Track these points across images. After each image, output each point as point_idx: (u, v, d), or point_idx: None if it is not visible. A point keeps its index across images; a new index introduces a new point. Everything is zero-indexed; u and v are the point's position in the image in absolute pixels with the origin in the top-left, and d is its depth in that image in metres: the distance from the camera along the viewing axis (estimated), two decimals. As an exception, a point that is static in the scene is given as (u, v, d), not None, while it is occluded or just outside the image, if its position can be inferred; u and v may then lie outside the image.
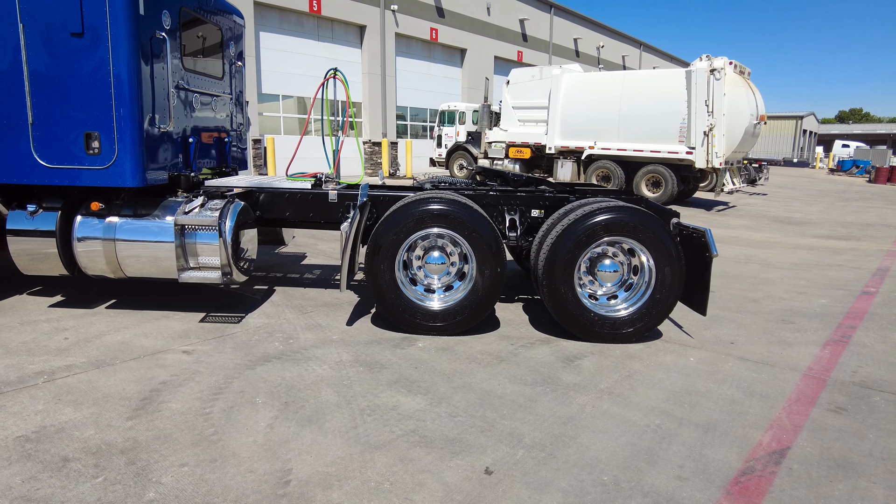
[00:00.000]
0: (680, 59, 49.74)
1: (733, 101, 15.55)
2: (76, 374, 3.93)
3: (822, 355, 4.92)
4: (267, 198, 5.60)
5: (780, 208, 17.79)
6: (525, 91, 19.89)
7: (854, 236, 12.27)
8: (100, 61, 4.46)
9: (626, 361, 4.58)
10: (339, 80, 5.79)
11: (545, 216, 5.48)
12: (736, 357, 4.78)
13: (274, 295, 6.03)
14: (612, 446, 3.29)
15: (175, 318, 5.18)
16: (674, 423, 3.57)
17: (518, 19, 30.29)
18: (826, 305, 6.53)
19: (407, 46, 24.73)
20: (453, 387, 3.95)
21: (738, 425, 3.59)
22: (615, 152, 17.80)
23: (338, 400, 3.69)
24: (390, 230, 4.73)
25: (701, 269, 4.92)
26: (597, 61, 36.73)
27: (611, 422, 3.57)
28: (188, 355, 4.33)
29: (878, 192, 26.58)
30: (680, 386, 4.15)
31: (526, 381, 4.11)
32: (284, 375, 4.03)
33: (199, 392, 3.73)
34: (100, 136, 4.57)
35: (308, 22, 20.86)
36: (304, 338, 4.80)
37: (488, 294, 4.82)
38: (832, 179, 34.84)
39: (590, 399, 3.87)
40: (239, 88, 6.67)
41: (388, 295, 4.81)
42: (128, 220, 4.84)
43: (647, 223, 4.80)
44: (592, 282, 5.08)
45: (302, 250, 8.49)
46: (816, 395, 4.08)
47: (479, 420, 3.52)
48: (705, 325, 5.53)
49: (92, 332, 4.76)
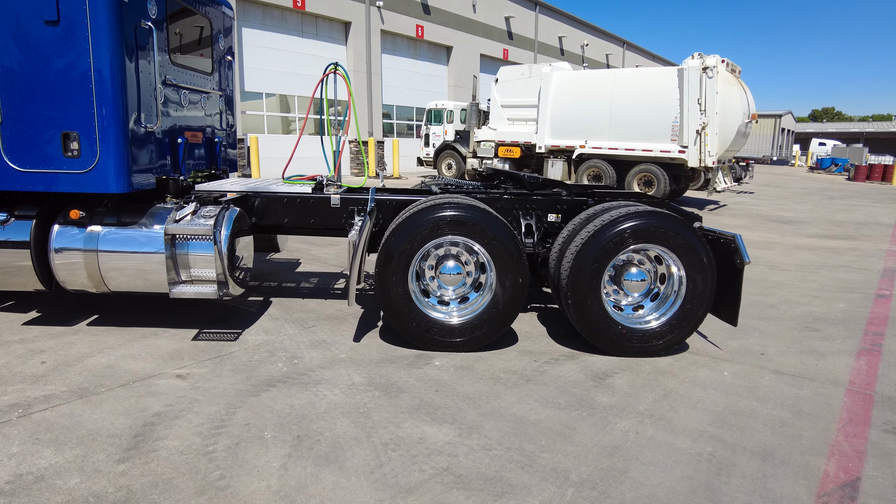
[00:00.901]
0: (661, 58, 50.01)
1: (726, 99, 15.43)
2: (56, 407, 3.47)
3: (859, 367, 4.66)
4: (264, 203, 5.17)
5: (770, 207, 17.76)
6: (514, 89, 19.58)
7: (850, 235, 12.19)
8: (78, 52, 3.98)
9: (658, 378, 4.26)
10: (340, 75, 5.36)
11: (562, 221, 5.15)
12: (771, 370, 4.49)
13: (271, 307, 5.60)
14: (667, 481, 2.95)
15: (165, 335, 4.72)
16: (727, 451, 3.26)
17: (504, 17, 29.99)
18: (845, 310, 6.31)
19: (393, 44, 24.24)
20: (481, 413, 3.58)
21: (795, 451, 3.29)
22: (606, 151, 17.58)
23: (356, 432, 3.30)
24: (403, 239, 4.34)
25: (731, 277, 4.63)
26: (581, 59, 36.63)
27: (659, 451, 3.24)
28: (183, 380, 3.89)
29: (859, 189, 26.89)
30: (722, 405, 3.84)
31: (559, 404, 3.77)
32: (293, 403, 3.62)
33: (199, 425, 3.30)
34: (79, 137, 4.10)
35: (292, 18, 20.26)
36: (309, 357, 4.38)
37: (510, 306, 4.47)
38: (813, 177, 35.25)
39: (631, 424, 3.54)
40: (229, 85, 6.21)
41: (400, 309, 4.42)
42: (112, 230, 4.37)
43: (679, 229, 4.49)
44: (617, 291, 4.76)
45: (295, 256, 8.04)
46: (868, 414, 3.81)
47: (516, 453, 3.16)
48: (730, 335, 5.25)
49: (73, 353, 4.29)
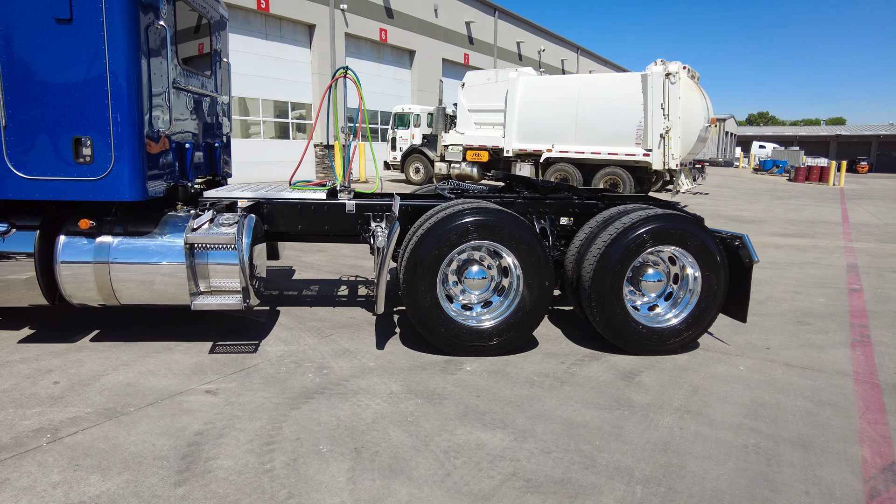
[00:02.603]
0: (612, 63, 51.54)
1: (687, 104, 16.05)
2: (87, 430, 3.26)
3: (857, 358, 4.93)
4: (277, 210, 5.02)
5: (727, 207, 18.54)
6: (480, 94, 19.75)
7: (806, 234, 12.87)
8: (93, 52, 3.77)
9: (682, 375, 4.39)
10: (350, 79, 5.28)
11: (574, 224, 5.23)
12: (781, 364, 4.70)
13: (281, 317, 5.44)
14: (725, 473, 3.05)
15: (179, 349, 4.51)
16: (769, 442, 3.39)
17: (464, 21, 30.23)
18: (827, 304, 6.67)
19: (357, 47, 24.02)
20: (529, 417, 3.60)
21: (830, 440, 3.45)
22: (573, 155, 17.96)
23: (412, 441, 3.25)
24: (431, 244, 4.31)
25: (740, 276, 4.82)
26: (538, 65, 37.31)
27: (708, 445, 3.34)
28: (214, 396, 3.73)
29: (801, 190, 28.47)
30: (749, 399, 4.00)
31: (599, 404, 3.82)
32: (338, 414, 3.53)
33: (248, 442, 3.18)
34: (92, 142, 3.88)
35: (256, 20, 19.79)
36: (338, 367, 4.29)
37: (536, 310, 4.50)
38: (758, 178, 37.08)
39: (673, 420, 3.63)
40: (226, 88, 6.00)
41: (429, 316, 4.38)
42: (124, 240, 4.15)
43: (695, 230, 4.65)
44: (633, 292, 4.87)
45: (287, 263, 7.84)
46: (881, 402, 4.04)
47: (575, 454, 3.19)
48: (734, 331, 5.46)
49: (85, 372, 4.04)
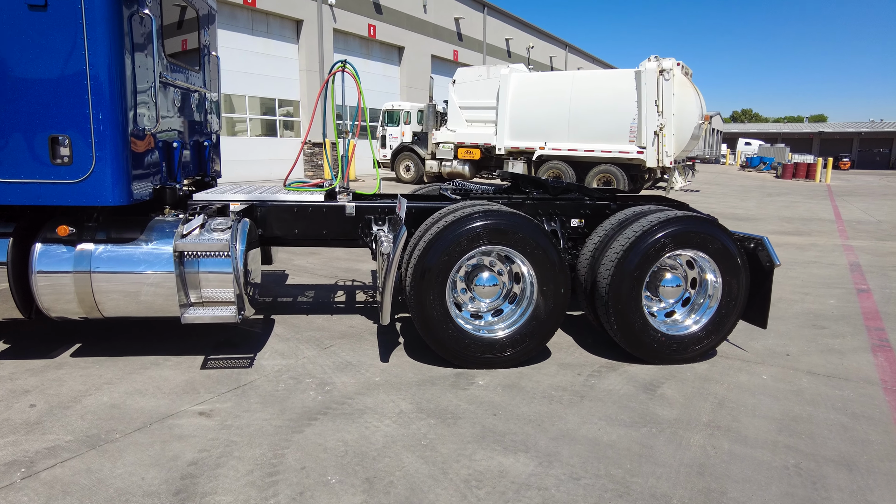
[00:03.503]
0: (600, 60, 51.53)
1: (682, 101, 15.92)
2: (67, 462, 2.94)
3: (881, 364, 4.75)
4: (273, 213, 4.70)
5: (719, 204, 18.46)
6: (472, 91, 19.49)
7: (802, 231, 12.78)
8: (71, 43, 3.42)
9: (705, 385, 4.16)
10: (349, 73, 4.96)
11: (585, 227, 4.98)
12: (804, 372, 4.49)
13: (276, 326, 5.12)
14: (770, 500, 2.82)
15: (167, 364, 4.18)
16: (810, 462, 3.17)
17: (453, 18, 29.91)
18: (838, 306, 6.50)
19: (345, 43, 23.59)
20: (552, 438, 3.33)
21: (874, 458, 3.24)
22: (566, 153, 17.78)
23: (429, 469, 2.97)
24: (440, 250, 4.03)
25: (760, 280, 4.61)
26: (527, 62, 37.10)
27: (745, 466, 3.10)
28: (208, 418, 3.42)
29: (789, 186, 28.62)
30: (779, 412, 3.77)
31: (623, 421, 3.57)
32: (345, 438, 3.24)
33: (248, 473, 2.88)
34: (71, 141, 3.53)
35: (242, 15, 19.29)
36: (341, 382, 3.99)
37: (552, 318, 4.24)
38: (746, 175, 37.27)
39: (704, 438, 3.39)
40: (215, 83, 5.66)
41: (438, 326, 4.10)
42: (107, 248, 3.81)
43: (716, 233, 4.42)
44: (650, 298, 4.64)
45: (279, 267, 7.50)
46: (916, 413, 3.84)
47: (606, 480, 2.93)
48: (749, 337, 5.25)
49: (65, 393, 3.70)
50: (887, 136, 63.32)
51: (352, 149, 5.12)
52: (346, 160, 5.09)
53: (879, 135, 63.70)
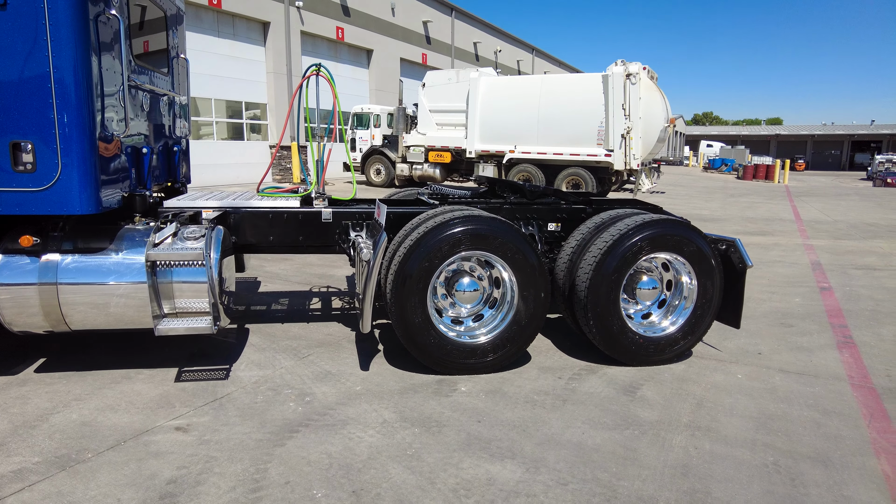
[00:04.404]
0: (565, 63, 52.25)
1: (648, 104, 16.25)
2: (35, 485, 2.79)
3: (847, 360, 4.91)
4: (247, 220, 4.59)
5: (685, 206, 18.90)
6: (442, 94, 19.51)
7: (765, 231, 13.19)
8: (32, 44, 3.27)
9: (683, 386, 4.24)
10: (324, 77, 4.89)
11: (562, 230, 5.02)
12: (777, 370, 4.62)
13: (251, 336, 5.00)
14: (752, 498, 2.87)
15: (139, 378, 4.03)
16: (788, 459, 3.25)
17: (422, 21, 29.89)
18: (804, 304, 6.71)
19: (313, 45, 23.31)
20: (537, 443, 3.33)
21: (847, 453, 3.34)
22: (535, 156, 17.94)
23: (416, 479, 2.93)
24: (421, 256, 3.99)
25: (733, 281, 4.72)
26: (495, 65, 37.37)
27: (726, 465, 3.16)
28: (186, 433, 3.31)
29: (750, 187, 29.52)
30: (755, 410, 3.86)
31: (606, 424, 3.60)
32: (329, 450, 3.17)
33: (231, 490, 2.79)
34: (34, 147, 3.37)
35: (207, 16, 18.85)
36: (321, 393, 3.91)
37: (533, 322, 4.25)
38: (708, 177, 38.29)
39: (685, 439, 3.45)
40: (184, 86, 5.50)
41: (420, 332, 4.06)
42: (75, 258, 3.65)
43: (691, 236, 4.51)
44: (627, 300, 4.69)
45: (251, 274, 7.34)
46: (883, 408, 3.98)
47: (594, 484, 2.94)
48: (722, 336, 5.37)
49: (30, 411, 3.53)
50: (838, 138, 66.03)
51: (328, 154, 5.04)
52: (321, 165, 5.01)
53: (831, 137, 66.36)
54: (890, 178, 32.88)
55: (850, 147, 65.42)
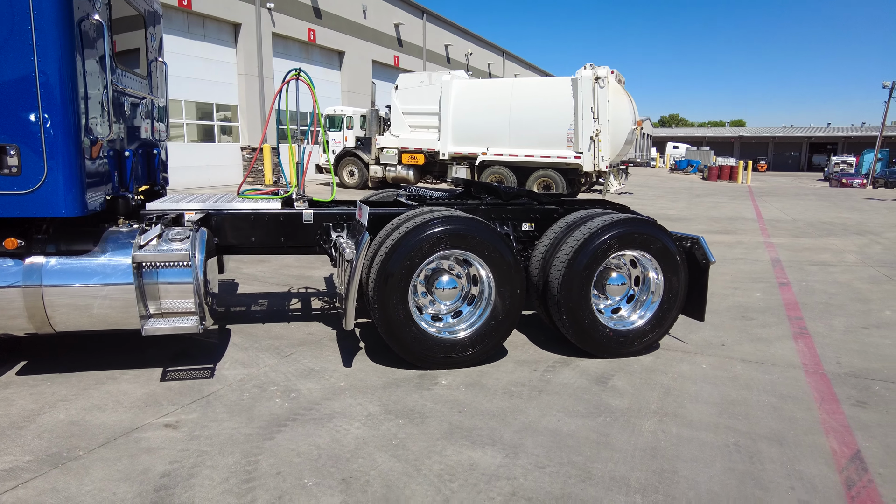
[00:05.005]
0: (536, 66, 52.95)
1: (616, 107, 16.69)
2: (29, 482, 2.85)
3: (801, 349, 5.24)
4: (228, 221, 4.67)
5: (652, 206, 19.42)
6: (414, 96, 19.65)
7: (729, 230, 13.69)
8: (18, 47, 3.30)
9: (651, 376, 4.48)
10: (303, 82, 5.00)
11: (535, 230, 5.23)
12: (738, 359, 4.90)
13: (233, 336, 5.06)
14: (715, 475, 3.11)
15: (124, 378, 4.08)
16: (747, 440, 3.50)
17: (393, 23, 29.99)
18: (763, 299, 7.07)
19: (284, 47, 23.19)
20: (515, 431, 3.52)
21: (799, 433, 3.61)
22: (507, 158, 18.23)
23: (403, 467, 3.08)
24: (402, 256, 4.14)
25: (696, 277, 4.99)
26: (466, 68, 37.68)
27: (692, 447, 3.40)
28: (175, 430, 3.39)
29: (715, 188, 30.44)
30: (718, 397, 4.12)
31: (580, 412, 3.81)
32: (317, 442, 3.30)
33: (224, 481, 2.89)
34: (19, 151, 3.41)
35: (177, 17, 18.60)
36: (306, 389, 4.03)
37: (509, 318, 4.44)
38: (675, 177, 39.29)
39: (654, 424, 3.67)
40: (162, 89, 5.54)
41: (402, 329, 4.21)
42: (61, 260, 3.68)
43: (657, 234, 4.76)
44: (598, 296, 4.92)
45: (228, 276, 7.36)
46: (833, 392, 4.28)
47: (570, 467, 3.14)
48: (688, 330, 5.65)
49: (16, 412, 3.55)
50: (797, 140, 68.46)
51: (308, 156, 5.14)
52: (301, 167, 5.11)
53: (791, 139, 68.77)
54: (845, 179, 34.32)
55: (809, 149, 67.91)
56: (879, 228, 14.45)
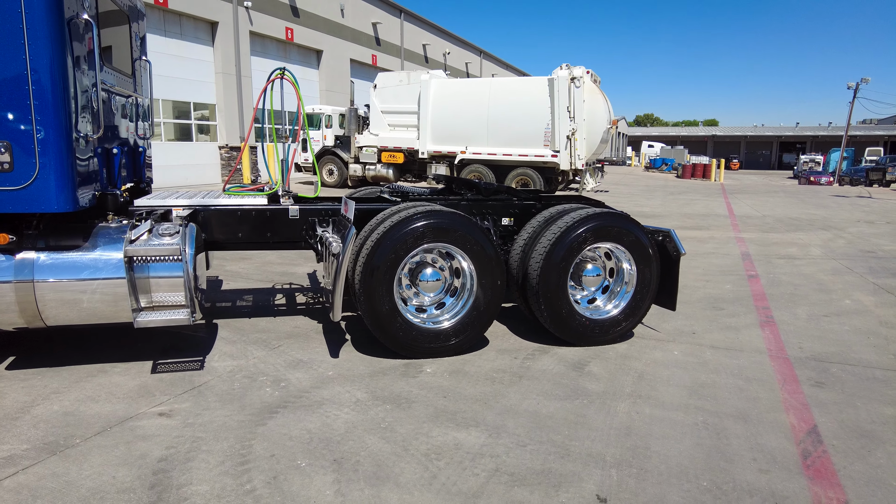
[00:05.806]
0: (512, 66, 53.37)
1: (592, 107, 17.02)
2: (29, 468, 2.93)
3: (767, 336, 5.53)
4: (216, 218, 4.76)
5: (627, 203, 19.82)
6: (393, 95, 19.76)
7: (701, 226, 14.11)
8: (11, 47, 3.37)
9: (626, 362, 4.70)
10: (288, 80, 5.11)
11: (514, 224, 5.42)
12: (708, 346, 5.16)
13: (221, 330, 5.16)
14: (684, 450, 3.32)
15: (116, 371, 4.16)
16: (714, 418, 3.73)
17: (371, 23, 30.03)
18: (733, 290, 7.39)
19: (262, 46, 23.09)
20: (497, 413, 3.70)
21: (762, 411, 3.86)
22: (486, 157, 18.45)
23: (392, 448, 3.24)
24: (388, 249, 4.29)
25: (668, 268, 5.23)
26: (444, 67, 37.86)
27: (664, 426, 3.62)
28: (169, 418, 3.49)
29: (689, 185, 31.13)
30: (689, 380, 4.36)
31: (558, 395, 4.01)
32: (308, 427, 3.44)
33: (220, 464, 3.01)
34: (11, 147, 3.47)
35: (153, 15, 18.39)
36: (295, 379, 4.15)
37: (490, 308, 4.62)
38: (650, 176, 40.01)
39: (628, 405, 3.89)
40: (147, 87, 5.59)
41: (388, 320, 4.36)
42: (52, 255, 3.75)
43: (630, 227, 4.98)
44: (574, 287, 5.14)
45: (212, 273, 7.41)
46: (794, 374, 4.56)
47: (549, 445, 3.33)
48: (662, 319, 5.91)
49: (9, 404, 3.62)
50: (768, 139, 70.21)
51: (293, 153, 5.25)
52: (286, 164, 5.22)
53: (762, 138, 70.48)
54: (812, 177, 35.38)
55: (779, 147, 69.69)
56: (843, 224, 15.03)
